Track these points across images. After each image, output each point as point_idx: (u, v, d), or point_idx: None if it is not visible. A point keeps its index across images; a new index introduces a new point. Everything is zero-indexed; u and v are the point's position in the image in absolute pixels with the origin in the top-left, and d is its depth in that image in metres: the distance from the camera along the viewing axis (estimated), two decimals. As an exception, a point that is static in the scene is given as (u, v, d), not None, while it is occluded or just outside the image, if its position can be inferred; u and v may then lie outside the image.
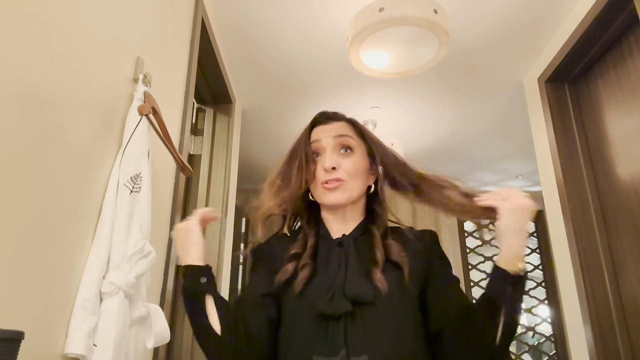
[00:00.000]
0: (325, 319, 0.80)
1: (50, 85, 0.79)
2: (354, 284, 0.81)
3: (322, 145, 0.93)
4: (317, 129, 0.97)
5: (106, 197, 0.96)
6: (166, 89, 1.39)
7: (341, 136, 0.93)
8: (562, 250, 2.09)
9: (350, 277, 0.83)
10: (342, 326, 0.79)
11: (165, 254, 1.40)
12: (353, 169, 0.91)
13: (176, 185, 1.48)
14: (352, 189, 0.91)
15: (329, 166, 0.90)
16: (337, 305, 0.79)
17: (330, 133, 0.94)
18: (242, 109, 2.80)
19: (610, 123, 1.89)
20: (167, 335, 1.02)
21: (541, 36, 2.14)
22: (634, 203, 1.74)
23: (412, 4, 1.63)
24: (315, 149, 0.94)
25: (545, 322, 4.26)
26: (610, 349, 1.79)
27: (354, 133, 0.96)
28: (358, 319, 0.79)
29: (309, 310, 0.81)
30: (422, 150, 3.36)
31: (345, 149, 0.93)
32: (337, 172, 0.90)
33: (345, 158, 0.92)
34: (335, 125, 0.96)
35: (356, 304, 0.80)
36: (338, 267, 0.85)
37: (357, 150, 0.94)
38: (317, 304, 0.80)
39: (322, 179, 0.90)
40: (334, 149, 0.92)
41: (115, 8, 1.05)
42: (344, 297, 0.80)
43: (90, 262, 0.89)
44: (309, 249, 0.89)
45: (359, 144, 0.95)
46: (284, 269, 0.86)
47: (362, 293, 0.80)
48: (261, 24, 2.06)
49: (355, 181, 0.91)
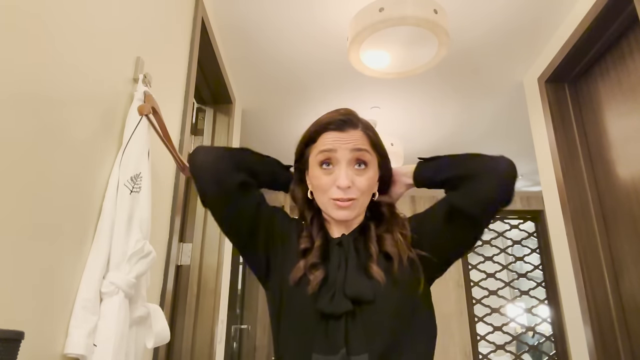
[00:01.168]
0: (326, 317, 0.80)
1: (50, 85, 0.79)
2: (354, 283, 0.82)
3: (336, 157, 0.87)
4: (332, 134, 0.89)
5: (106, 197, 0.96)
6: (166, 89, 1.39)
7: (359, 150, 0.88)
8: (562, 250, 2.09)
9: (350, 276, 0.83)
10: (342, 325, 0.79)
11: (165, 254, 1.40)
12: (366, 187, 0.88)
13: (176, 185, 1.48)
14: (362, 205, 0.90)
15: (344, 185, 0.85)
16: (338, 305, 0.80)
17: (348, 145, 0.87)
18: (242, 109, 2.80)
19: (610, 123, 1.89)
20: (167, 335, 1.02)
21: (541, 36, 2.14)
22: (634, 203, 1.74)
23: (412, 4, 1.63)
24: (327, 158, 0.88)
25: (545, 322, 4.26)
26: (610, 349, 1.79)
27: (369, 145, 0.90)
28: (358, 318, 0.80)
29: (310, 308, 0.81)
30: (422, 150, 3.36)
31: (360, 164, 0.88)
32: (350, 192, 0.86)
33: (359, 175, 0.87)
34: (353, 134, 0.89)
35: (356, 303, 0.80)
36: (338, 266, 0.85)
37: (371, 166, 0.90)
38: (318, 303, 0.81)
39: (334, 195, 0.86)
40: (349, 163, 0.87)
41: (116, 8, 1.05)
42: (345, 296, 0.80)
43: (90, 262, 0.89)
44: (317, 249, 0.87)
45: (373, 157, 0.90)
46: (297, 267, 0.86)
47: (362, 292, 0.81)
48: (261, 24, 2.06)
49: (365, 198, 0.89)
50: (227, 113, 2.37)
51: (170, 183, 1.45)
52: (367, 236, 0.90)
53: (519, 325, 4.55)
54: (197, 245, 2.07)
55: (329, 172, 0.88)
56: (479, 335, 4.25)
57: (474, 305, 4.34)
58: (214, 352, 1.98)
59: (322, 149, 0.88)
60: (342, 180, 0.85)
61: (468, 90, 2.66)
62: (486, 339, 4.26)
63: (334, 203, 0.87)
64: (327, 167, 0.88)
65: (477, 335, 4.25)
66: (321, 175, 0.88)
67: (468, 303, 4.31)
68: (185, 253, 2.01)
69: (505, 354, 4.48)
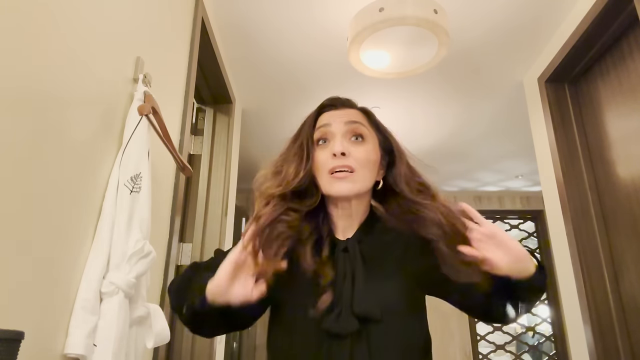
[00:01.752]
0: (330, 336, 0.75)
1: (50, 85, 0.79)
2: (362, 300, 0.76)
3: (331, 131, 0.85)
4: (327, 113, 0.89)
5: (106, 197, 0.96)
6: (166, 89, 1.39)
7: (353, 122, 0.86)
8: (562, 250, 2.09)
9: (357, 291, 0.77)
10: (347, 346, 0.74)
11: (165, 254, 1.40)
12: (364, 159, 0.83)
13: (176, 185, 1.48)
14: (363, 180, 0.83)
15: (338, 151, 0.81)
16: (345, 324, 0.74)
17: (342, 118, 0.86)
18: (242, 109, 2.80)
19: (610, 123, 1.89)
20: (167, 335, 1.02)
21: (541, 36, 2.14)
22: (634, 203, 1.74)
23: (412, 4, 1.63)
24: (323, 135, 0.86)
25: (545, 322, 4.26)
26: (610, 349, 1.79)
27: (367, 122, 0.88)
28: (363, 337, 0.75)
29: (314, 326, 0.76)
30: (423, 150, 3.36)
31: (357, 136, 0.85)
32: (347, 159, 0.82)
33: (356, 146, 0.84)
34: (347, 111, 0.89)
35: (363, 321, 0.75)
36: (344, 277, 0.79)
37: (370, 140, 0.86)
38: (324, 322, 0.75)
39: (330, 165, 0.82)
40: (344, 135, 0.85)
41: (116, 8, 1.05)
42: (352, 314, 0.75)
43: (90, 262, 0.89)
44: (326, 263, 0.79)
45: (371, 134, 0.87)
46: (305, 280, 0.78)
47: (370, 311, 0.76)
48: (261, 24, 2.06)
49: (366, 172, 0.83)
50: (227, 113, 2.37)
51: (170, 183, 1.45)
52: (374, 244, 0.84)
53: (519, 325, 4.55)
54: (197, 245, 2.07)
55: (325, 147, 0.86)
56: (479, 335, 4.26)
57: (474, 305, 4.33)
58: (214, 351, 1.98)
59: (318, 126, 0.87)
60: (337, 146, 0.82)
61: (468, 90, 2.66)
62: (486, 339, 4.27)
63: (331, 176, 0.82)
64: (324, 144, 0.86)
65: (477, 335, 4.25)
66: (318, 152, 0.85)
67: (468, 303, 4.31)
68: (185, 253, 2.01)
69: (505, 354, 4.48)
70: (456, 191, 4.57)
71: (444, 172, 4.02)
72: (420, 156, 0.92)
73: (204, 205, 2.15)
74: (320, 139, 0.87)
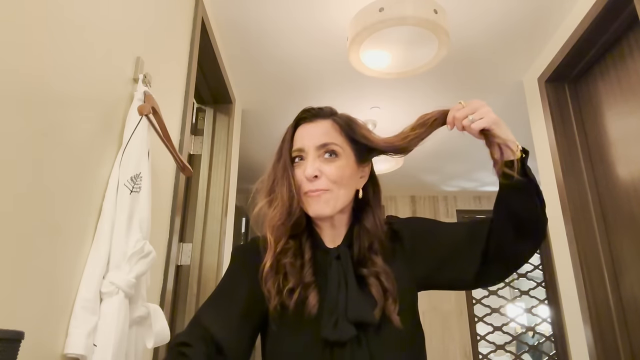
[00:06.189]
0: (330, 344, 0.75)
1: (50, 85, 0.79)
2: (356, 306, 0.77)
3: (305, 150, 0.87)
4: (302, 129, 0.90)
5: (106, 197, 0.96)
6: (166, 89, 1.39)
7: (324, 145, 0.86)
8: (562, 250, 2.09)
9: (351, 297, 0.78)
10: (348, 353, 0.75)
11: (165, 254, 1.40)
12: (337, 176, 0.83)
13: (176, 185, 1.48)
14: (337, 198, 0.83)
15: (310, 175, 0.82)
16: (343, 331, 0.75)
17: (313, 141, 0.86)
18: (242, 108, 2.80)
19: (610, 123, 1.89)
20: (167, 335, 1.02)
21: (541, 36, 2.14)
22: (634, 203, 1.74)
23: (412, 4, 1.63)
24: (298, 154, 0.88)
25: (545, 322, 4.26)
26: (610, 349, 1.79)
27: (338, 134, 0.88)
28: (363, 343, 0.76)
29: (312, 335, 0.76)
30: (423, 150, 3.35)
31: (330, 153, 0.86)
32: (319, 182, 0.83)
33: (328, 164, 0.84)
34: (320, 125, 0.88)
35: (360, 327, 0.76)
36: (338, 285, 0.79)
37: (343, 155, 0.86)
38: (322, 331, 0.75)
39: (305, 188, 0.84)
40: (317, 154, 0.85)
41: (116, 8, 1.05)
42: (347, 321, 0.75)
43: (90, 262, 0.89)
44: (307, 263, 0.82)
45: (344, 148, 0.87)
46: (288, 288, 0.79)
47: (364, 316, 0.76)
48: (261, 24, 2.06)
49: (340, 189, 0.84)
50: (227, 113, 2.37)
51: (170, 183, 1.45)
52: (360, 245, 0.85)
53: (519, 325, 4.55)
54: (197, 245, 2.07)
55: (300, 165, 0.87)
56: (479, 335, 4.26)
57: (474, 305, 4.34)
58: (214, 352, 1.97)
59: (293, 147, 0.88)
60: (307, 169, 0.83)
61: (468, 90, 2.66)
62: (486, 339, 4.27)
63: (306, 196, 0.84)
64: (300, 161, 0.87)
65: (477, 335, 4.25)
66: (296, 171, 0.86)
67: (468, 303, 4.32)
68: (185, 253, 2.01)
69: (505, 354, 4.48)
70: (456, 191, 4.57)
71: (444, 172, 4.02)
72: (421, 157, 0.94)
73: (204, 205, 2.16)
74: (296, 157, 0.88)
